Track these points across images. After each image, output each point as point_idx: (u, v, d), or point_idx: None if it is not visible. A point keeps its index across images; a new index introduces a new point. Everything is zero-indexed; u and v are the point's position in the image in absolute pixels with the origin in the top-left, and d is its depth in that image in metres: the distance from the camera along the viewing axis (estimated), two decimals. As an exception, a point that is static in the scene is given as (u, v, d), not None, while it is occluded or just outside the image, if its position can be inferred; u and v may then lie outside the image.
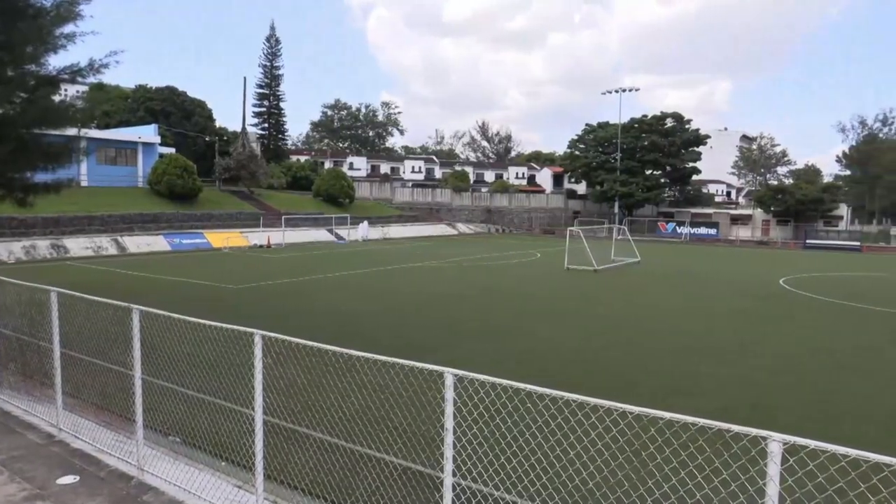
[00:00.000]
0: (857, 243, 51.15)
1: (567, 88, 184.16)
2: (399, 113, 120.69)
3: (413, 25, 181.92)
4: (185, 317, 6.25)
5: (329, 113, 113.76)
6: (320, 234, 47.15)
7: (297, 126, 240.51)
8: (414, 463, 6.44)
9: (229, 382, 8.00)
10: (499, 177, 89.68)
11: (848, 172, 78.47)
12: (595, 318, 16.16)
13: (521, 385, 4.70)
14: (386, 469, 6.38)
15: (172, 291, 19.92)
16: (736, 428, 3.95)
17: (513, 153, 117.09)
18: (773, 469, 3.67)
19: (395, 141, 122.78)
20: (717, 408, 8.75)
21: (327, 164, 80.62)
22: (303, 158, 79.03)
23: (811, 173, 74.37)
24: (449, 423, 5.06)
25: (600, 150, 71.93)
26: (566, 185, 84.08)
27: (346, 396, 7.94)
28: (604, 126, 72.46)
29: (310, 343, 5.58)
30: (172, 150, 49.73)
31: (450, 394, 4.97)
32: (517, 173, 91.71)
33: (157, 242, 36.35)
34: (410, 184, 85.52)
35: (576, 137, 75.52)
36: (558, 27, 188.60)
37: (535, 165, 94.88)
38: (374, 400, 7.91)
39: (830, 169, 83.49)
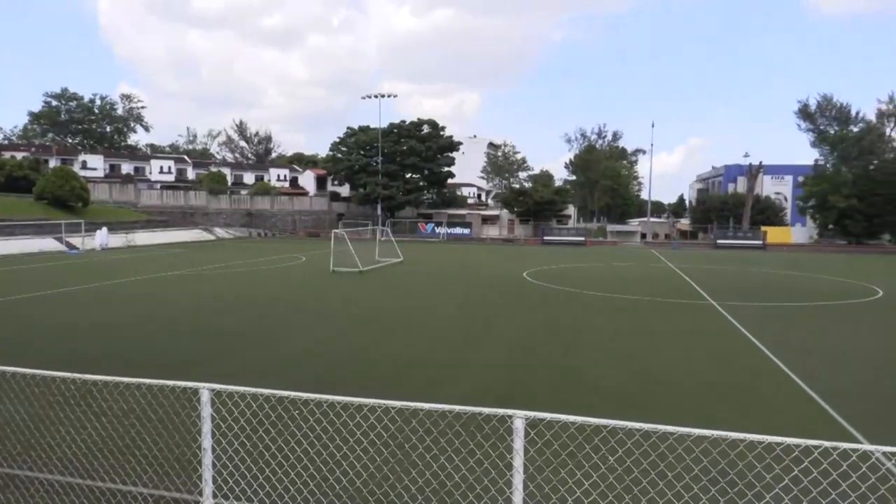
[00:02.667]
0: (582, 238, 59.51)
1: (329, 91, 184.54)
2: (143, 107, 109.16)
3: (156, 12, 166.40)
4: None
5: (54, 103, 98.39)
6: (46, 244, 40.57)
7: (10, 116, 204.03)
8: (168, 490, 5.86)
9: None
10: (259, 179, 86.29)
11: (574, 177, 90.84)
12: (361, 317, 16.40)
13: (284, 392, 4.56)
14: (135, 502, 5.71)
15: None
16: (486, 410, 4.30)
17: (274, 154, 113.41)
18: (518, 443, 4.06)
19: (139, 138, 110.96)
20: (473, 392, 9.45)
21: (53, 163, 69.86)
22: (19, 155, 67.30)
23: (546, 178, 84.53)
24: (206, 442, 4.70)
25: (362, 153, 73.27)
26: (330, 187, 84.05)
27: (83, 427, 6.94)
28: (365, 130, 73.96)
29: (26, 371, 4.75)
30: None
31: (206, 411, 4.63)
32: (279, 175, 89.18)
33: None
34: (159, 185, 78.14)
35: (338, 140, 75.92)
36: (317, 28, 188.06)
37: (297, 167, 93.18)
38: (116, 428, 7.03)
39: (561, 174, 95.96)
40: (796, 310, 19.07)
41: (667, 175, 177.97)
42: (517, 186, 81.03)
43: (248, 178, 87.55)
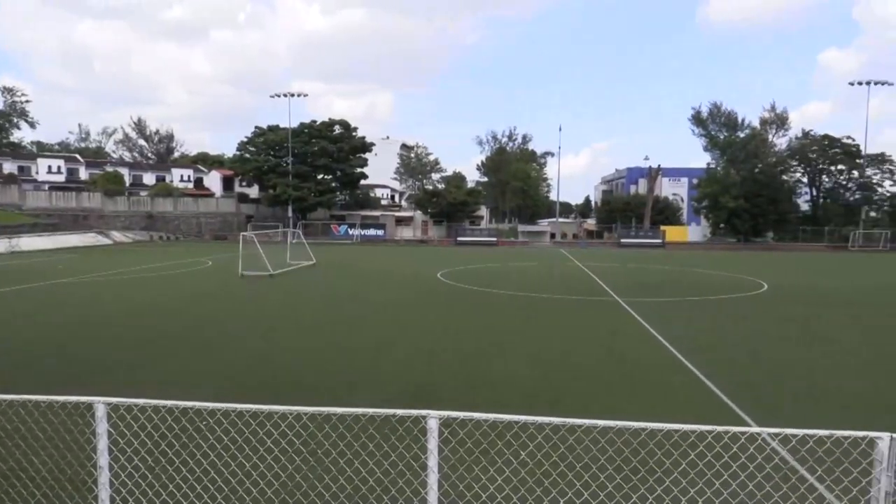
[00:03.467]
0: (494, 238, 60.69)
1: (235, 89, 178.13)
2: (27, 102, 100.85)
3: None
4: None
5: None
6: (-86, 251, 36.79)
7: None
8: (59, 515, 5.45)
9: None
10: (161, 179, 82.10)
11: (486, 179, 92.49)
12: (271, 322, 15.93)
13: (188, 403, 4.35)
14: (20, 530, 5.27)
15: None
16: (400, 412, 4.29)
17: (176, 154, 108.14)
18: (433, 443, 4.07)
19: (22, 135, 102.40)
20: (388, 394, 9.40)
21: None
22: None
23: (458, 179, 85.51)
24: (103, 460, 4.42)
25: (272, 153, 71.29)
26: (237, 188, 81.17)
27: (-42, 452, 6.33)
28: (274, 129, 71.99)
29: None
30: None
31: (102, 426, 4.34)
32: (182, 176, 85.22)
33: None
34: (47, 186, 72.74)
35: (246, 140, 73.46)
36: (222, 23, 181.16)
37: (202, 168, 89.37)
38: (-1, 450, 6.47)
39: (473, 176, 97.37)
40: (693, 304, 20.29)
41: (574, 177, 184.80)
42: (430, 188, 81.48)
43: (149, 178, 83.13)
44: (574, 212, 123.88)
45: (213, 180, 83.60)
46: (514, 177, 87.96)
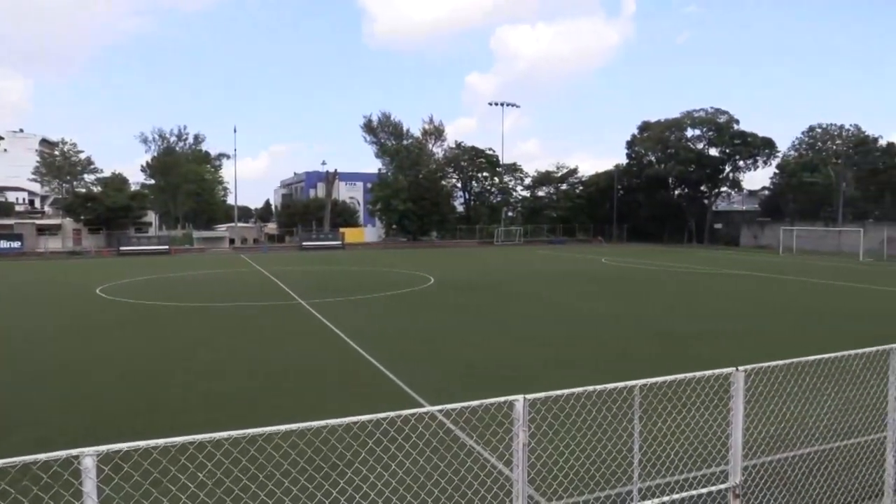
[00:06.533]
0: (167, 247, 55.57)
1: None
2: None
3: None
4: None
5: None
6: None
7: None
8: None
9: None
10: None
11: (153, 181, 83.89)
12: None
13: None
14: None
15: None
16: (44, 456, 3.60)
17: None
18: (90, 485, 3.52)
19: None
20: (40, 438, 7.87)
21: None
22: None
23: (119, 181, 75.75)
24: None
25: None
26: None
27: None
28: None
29: None
30: None
31: None
32: None
33: None
34: None
35: None
36: None
37: None
38: None
39: (137, 178, 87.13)
40: (371, 300, 21.57)
41: (253, 180, 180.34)
42: (83, 191, 70.66)
43: None
44: (254, 216, 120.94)
45: None
46: (187, 179, 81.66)
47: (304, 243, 59.63)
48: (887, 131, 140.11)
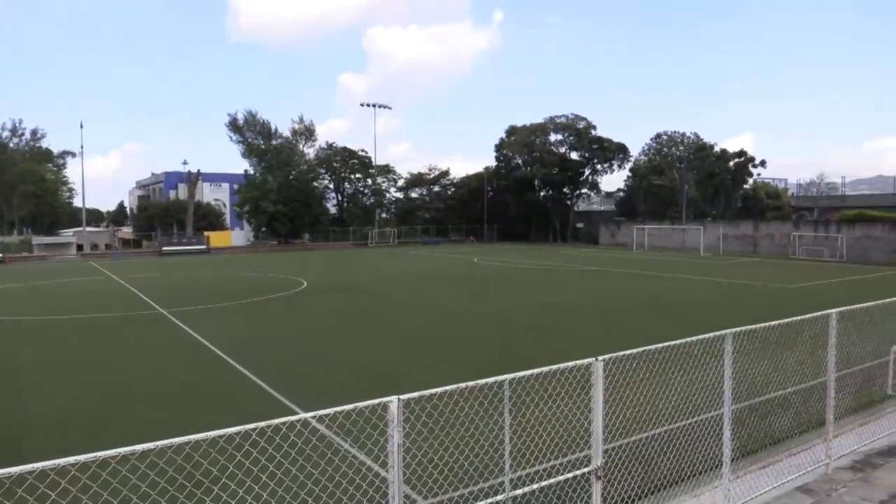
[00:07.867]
0: (1, 255, 49.60)
1: None
2: None
3: None
4: None
5: None
6: None
7: None
8: None
9: None
10: None
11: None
12: None
13: None
14: None
15: None
16: None
17: None
18: None
19: None
20: None
21: None
22: None
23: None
24: None
25: None
26: None
27: None
28: None
29: None
30: None
31: None
32: None
33: None
34: None
35: None
36: None
37: None
38: None
39: (-39, 178, 76.92)
40: (240, 307, 20.61)
41: (104, 180, 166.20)
42: None
43: None
44: (106, 219, 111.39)
45: None
46: (23, 180, 73.37)
47: (165, 248, 55.73)
48: (720, 138, 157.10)
